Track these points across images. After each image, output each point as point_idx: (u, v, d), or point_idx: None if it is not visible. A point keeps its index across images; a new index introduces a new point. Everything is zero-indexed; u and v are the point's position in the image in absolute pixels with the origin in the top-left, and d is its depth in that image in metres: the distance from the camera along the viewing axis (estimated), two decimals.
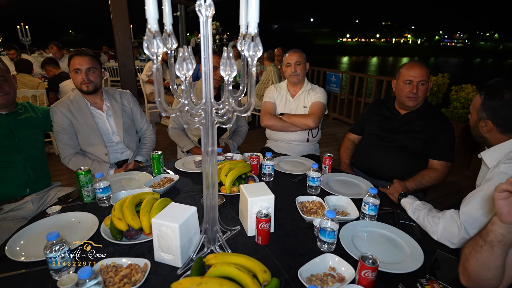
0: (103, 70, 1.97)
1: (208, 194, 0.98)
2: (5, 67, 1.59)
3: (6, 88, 1.55)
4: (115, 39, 3.02)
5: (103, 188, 1.30)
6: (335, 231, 1.03)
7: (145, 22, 0.68)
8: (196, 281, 0.76)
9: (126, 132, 2.01)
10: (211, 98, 0.85)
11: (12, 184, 1.58)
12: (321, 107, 2.23)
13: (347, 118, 5.87)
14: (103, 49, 9.68)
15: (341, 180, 1.65)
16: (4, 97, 1.55)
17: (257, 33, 0.71)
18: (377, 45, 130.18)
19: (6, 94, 1.56)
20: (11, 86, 1.59)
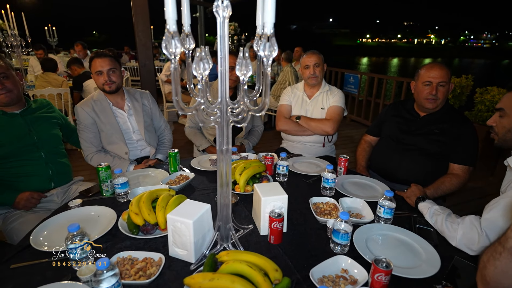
0: (123, 69, 2.03)
1: (222, 192, 0.99)
2: (7, 64, 1.55)
3: (8, 85, 1.52)
4: (136, 39, 3.11)
5: (121, 183, 1.34)
6: (349, 233, 1.02)
7: (165, 23, 0.71)
8: (208, 277, 0.78)
9: (147, 130, 2.07)
10: (227, 98, 0.86)
11: (37, 179, 1.64)
12: (339, 111, 2.20)
13: (365, 120, 5.77)
14: (124, 49, 9.96)
15: (357, 182, 1.62)
16: (6, 94, 1.52)
17: (272, 33, 0.72)
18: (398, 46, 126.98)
19: (8, 91, 1.53)
20: (13, 83, 1.56)
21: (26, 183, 1.61)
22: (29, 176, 1.62)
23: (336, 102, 2.21)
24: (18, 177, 1.59)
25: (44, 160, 1.66)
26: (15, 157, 1.57)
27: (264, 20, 0.71)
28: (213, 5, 0.78)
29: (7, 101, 1.55)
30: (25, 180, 1.61)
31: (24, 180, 1.60)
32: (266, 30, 0.71)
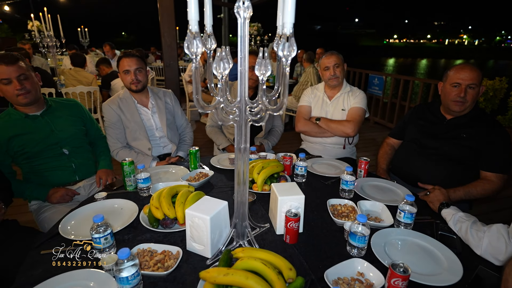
0: (148, 69, 2.10)
1: (239, 190, 1.01)
2: (27, 66, 1.57)
3: (27, 86, 1.54)
4: (162, 40, 3.20)
5: (144, 178, 1.40)
6: (366, 236, 1.01)
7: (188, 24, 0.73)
8: (223, 272, 0.80)
9: (169, 128, 2.13)
10: (246, 97, 0.87)
11: (61, 173, 1.71)
12: (361, 113, 2.16)
13: (389, 122, 5.61)
14: (151, 49, 10.27)
15: (377, 185, 1.59)
16: (26, 95, 1.54)
17: (292, 33, 0.72)
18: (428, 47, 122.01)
19: (27, 92, 1.54)
20: (32, 84, 1.57)
21: (51, 176, 1.69)
22: (54, 170, 1.69)
23: (357, 103, 2.16)
24: (43, 173, 1.67)
25: (67, 156, 1.72)
26: (40, 156, 1.64)
27: (284, 20, 0.71)
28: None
29: (25, 102, 1.56)
30: (50, 174, 1.68)
31: (49, 174, 1.68)
32: (286, 31, 0.71)
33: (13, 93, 1.52)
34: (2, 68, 1.48)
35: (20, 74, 1.52)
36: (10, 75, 1.49)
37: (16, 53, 1.56)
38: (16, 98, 1.54)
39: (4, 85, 1.50)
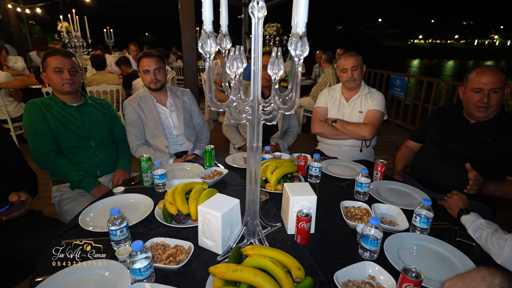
0: (167, 68, 2.16)
1: (251, 188, 1.02)
2: (77, 62, 1.79)
3: (74, 78, 1.73)
4: (182, 40, 3.27)
5: (160, 174, 1.43)
6: (379, 240, 0.99)
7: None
8: (232, 268, 0.81)
9: (186, 126, 2.18)
10: (259, 96, 0.88)
11: (86, 166, 1.80)
12: (379, 116, 2.11)
13: (410, 125, 5.44)
14: (172, 50, 10.49)
15: (393, 188, 1.55)
16: (71, 85, 1.72)
17: (304, 32, 0.72)
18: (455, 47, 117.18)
19: (73, 83, 1.73)
20: (78, 77, 1.77)
21: None
22: (80, 163, 1.78)
23: (375, 105, 2.12)
24: (71, 161, 1.75)
25: (93, 149, 1.82)
26: (69, 142, 1.75)
27: (297, 20, 0.72)
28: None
29: (69, 90, 1.74)
30: (78, 167, 1.76)
31: (77, 167, 1.76)
32: (298, 30, 0.72)
33: (61, 81, 1.70)
34: (59, 59, 1.68)
35: (72, 68, 1.72)
36: (64, 66, 1.69)
37: None
38: (62, 86, 1.71)
39: (55, 72, 1.69)
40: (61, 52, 1.70)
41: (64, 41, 6.30)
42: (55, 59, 1.67)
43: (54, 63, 1.67)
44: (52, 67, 1.67)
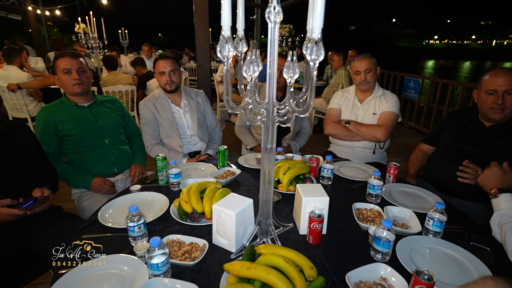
0: (182, 69, 2.20)
1: (264, 189, 1.04)
2: (85, 62, 1.83)
3: (83, 79, 1.76)
4: (196, 41, 3.32)
5: (175, 174, 1.47)
6: (391, 242, 0.99)
7: (221, 28, 0.78)
8: (246, 265, 0.83)
9: (200, 127, 2.22)
10: (274, 98, 0.90)
11: (103, 163, 1.86)
12: (393, 118, 2.09)
13: (424, 127, 5.36)
14: (185, 50, 10.62)
15: (406, 191, 1.54)
16: (80, 86, 1.75)
17: (320, 38, 0.74)
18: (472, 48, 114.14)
19: (82, 83, 1.76)
20: (87, 78, 1.80)
21: (94, 166, 1.83)
22: (97, 160, 1.84)
23: (389, 107, 2.11)
24: (88, 161, 1.82)
25: (108, 146, 1.87)
26: (85, 142, 1.81)
27: (313, 25, 0.74)
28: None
29: (78, 91, 1.77)
30: (94, 163, 1.83)
31: (93, 163, 1.83)
32: (314, 36, 0.73)
33: (70, 82, 1.74)
34: (66, 60, 1.73)
35: (79, 68, 1.76)
36: (72, 66, 1.73)
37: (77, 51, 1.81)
38: (72, 87, 1.75)
39: (64, 74, 1.74)
40: (69, 53, 1.75)
41: (81, 42, 6.47)
42: (64, 61, 1.72)
43: (63, 65, 1.72)
44: (61, 69, 1.73)
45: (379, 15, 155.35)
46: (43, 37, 13.48)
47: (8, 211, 1.23)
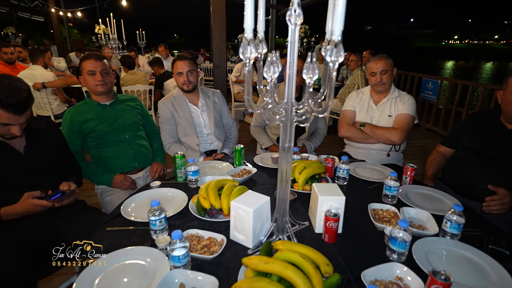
0: (198, 70, 2.26)
1: (281, 187, 1.06)
2: (108, 64, 1.92)
3: (106, 79, 1.86)
4: (212, 42, 3.38)
5: (193, 171, 1.52)
6: (407, 242, 1.00)
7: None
8: (264, 260, 0.86)
9: (216, 126, 2.27)
10: (293, 99, 0.93)
11: (124, 158, 1.93)
12: (409, 120, 2.07)
13: (443, 130, 5.24)
14: (201, 51, 10.76)
15: (423, 193, 1.53)
16: (103, 86, 1.85)
17: (340, 40, 0.76)
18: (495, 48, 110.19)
19: (105, 84, 1.85)
20: (110, 78, 1.89)
21: (116, 161, 1.91)
22: (118, 155, 1.92)
23: (406, 109, 2.08)
24: (110, 157, 1.90)
25: (128, 142, 1.95)
26: (107, 137, 1.89)
27: (333, 28, 0.75)
28: (285, 9, 0.85)
29: (101, 91, 1.87)
30: (115, 159, 1.91)
31: (114, 158, 1.91)
32: (334, 38, 0.75)
33: (94, 82, 1.83)
34: (91, 62, 1.82)
35: (103, 69, 1.85)
36: (96, 68, 1.82)
37: (101, 53, 1.91)
38: (95, 87, 1.85)
39: (89, 75, 1.83)
40: (93, 56, 1.84)
41: (101, 43, 6.67)
42: (89, 63, 1.81)
43: (88, 67, 1.81)
44: (87, 70, 1.82)
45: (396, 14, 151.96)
46: (64, 38, 13.95)
47: (38, 202, 1.31)
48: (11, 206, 1.32)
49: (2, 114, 1.24)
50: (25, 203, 1.30)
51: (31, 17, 18.53)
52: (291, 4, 0.83)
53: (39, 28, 21.73)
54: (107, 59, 1.93)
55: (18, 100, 1.25)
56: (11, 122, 1.27)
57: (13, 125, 1.29)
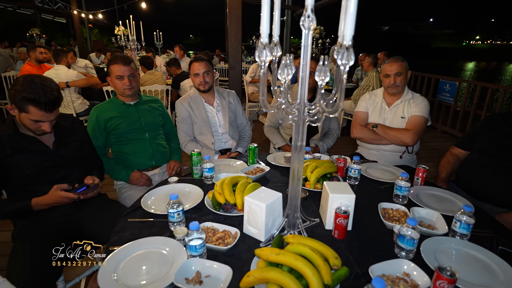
0: (214, 70, 2.33)
1: (293, 185, 1.11)
2: (136, 67, 1.98)
3: (133, 83, 1.93)
4: (228, 43, 3.45)
5: (209, 168, 1.58)
6: (415, 240, 1.03)
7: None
8: (275, 251, 0.91)
9: (231, 125, 2.34)
10: (305, 99, 0.97)
11: (143, 155, 2.03)
12: (422, 122, 2.07)
13: (460, 132, 5.13)
14: (216, 52, 10.90)
15: (434, 194, 1.54)
16: (131, 89, 1.93)
17: (350, 45, 0.80)
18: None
19: (132, 88, 1.93)
20: (136, 82, 1.97)
21: (135, 158, 2.01)
22: (137, 153, 2.01)
23: (419, 111, 2.09)
24: (130, 154, 2.00)
25: (148, 140, 2.04)
26: (128, 135, 1.98)
27: (344, 32, 0.80)
28: (300, 10, 0.90)
29: (128, 94, 1.96)
30: (134, 156, 2.00)
31: (133, 156, 2.00)
32: (345, 42, 0.80)
33: (122, 86, 1.92)
34: (120, 67, 1.89)
35: (131, 74, 1.93)
36: (124, 73, 1.90)
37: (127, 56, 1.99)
38: (123, 91, 1.94)
39: (117, 79, 1.91)
40: (121, 60, 1.90)
41: (120, 44, 6.87)
42: (117, 67, 1.89)
43: (116, 71, 1.89)
44: (115, 75, 1.90)
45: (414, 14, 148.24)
46: (85, 38, 14.42)
47: (66, 194, 1.40)
48: (41, 197, 1.42)
49: (35, 112, 1.34)
50: (54, 195, 1.40)
51: (54, 19, 19.24)
52: (305, 10, 0.88)
53: (61, 30, 22.52)
54: (134, 62, 2.01)
55: (49, 98, 1.35)
56: (43, 119, 1.37)
57: (44, 122, 1.39)
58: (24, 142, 1.45)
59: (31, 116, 1.35)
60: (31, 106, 1.32)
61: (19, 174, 1.44)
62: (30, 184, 1.47)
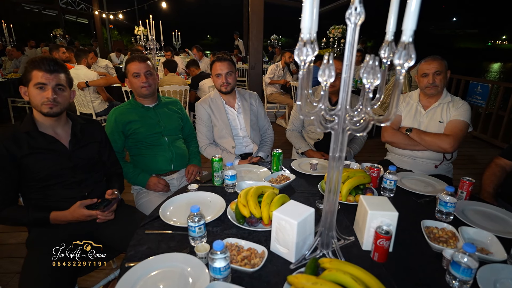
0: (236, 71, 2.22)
1: (329, 199, 0.99)
2: (152, 64, 1.91)
3: (150, 81, 1.86)
4: (249, 43, 3.35)
5: (231, 175, 1.48)
6: (473, 270, 0.88)
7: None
8: (312, 280, 0.79)
9: (252, 128, 2.23)
10: (347, 105, 0.85)
11: (162, 160, 1.95)
12: (463, 127, 1.89)
13: (493, 138, 4.82)
14: (234, 52, 10.84)
15: (483, 211, 1.38)
16: (147, 88, 1.85)
17: (411, 41, 0.67)
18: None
19: (149, 86, 1.86)
20: (154, 80, 1.89)
21: (153, 162, 1.93)
22: (156, 157, 1.93)
23: (460, 115, 1.91)
24: (148, 157, 1.92)
25: (166, 144, 1.96)
26: (147, 140, 1.91)
27: (403, 27, 0.67)
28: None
29: (146, 93, 1.88)
30: (153, 160, 1.93)
31: (152, 160, 1.93)
32: (404, 38, 0.67)
33: (139, 84, 1.85)
34: (136, 64, 1.84)
35: (147, 71, 1.86)
36: (140, 70, 1.84)
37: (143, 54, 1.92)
38: (140, 89, 1.86)
39: (134, 77, 1.85)
40: (137, 58, 1.85)
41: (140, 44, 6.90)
42: (133, 65, 1.84)
43: (133, 69, 1.83)
44: (132, 73, 1.84)
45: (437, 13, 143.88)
46: (105, 39, 14.72)
47: (89, 213, 1.34)
48: (61, 213, 1.36)
49: (36, 74, 1.32)
50: (76, 212, 1.34)
51: (77, 20, 19.77)
52: (352, 2, 0.76)
53: (83, 30, 23.14)
54: (150, 61, 1.94)
55: (48, 59, 1.34)
56: (43, 80, 1.33)
57: (46, 85, 1.34)
58: (42, 140, 1.39)
59: (34, 80, 1.33)
60: (33, 70, 1.32)
61: (35, 176, 1.38)
62: (46, 186, 1.41)
